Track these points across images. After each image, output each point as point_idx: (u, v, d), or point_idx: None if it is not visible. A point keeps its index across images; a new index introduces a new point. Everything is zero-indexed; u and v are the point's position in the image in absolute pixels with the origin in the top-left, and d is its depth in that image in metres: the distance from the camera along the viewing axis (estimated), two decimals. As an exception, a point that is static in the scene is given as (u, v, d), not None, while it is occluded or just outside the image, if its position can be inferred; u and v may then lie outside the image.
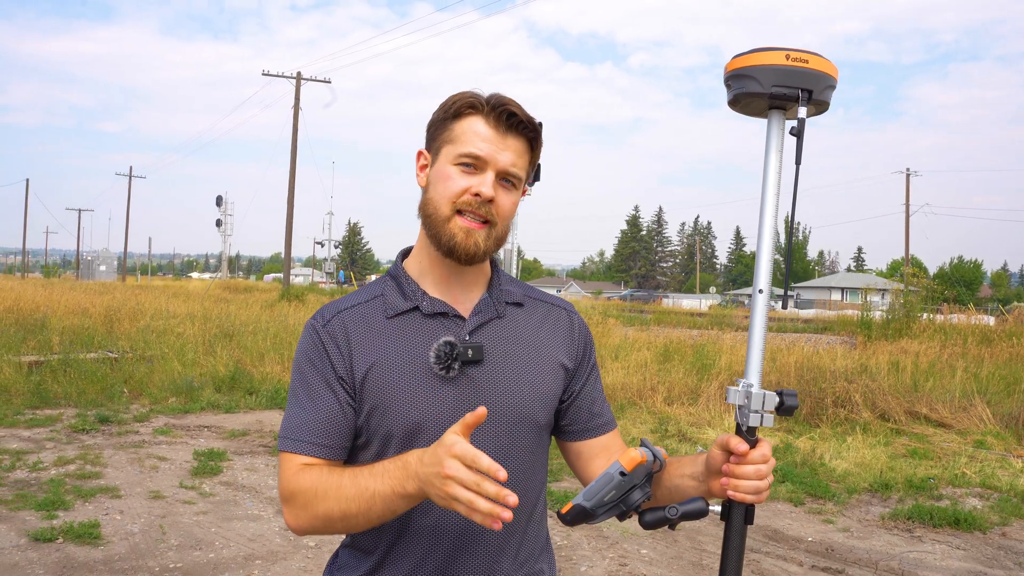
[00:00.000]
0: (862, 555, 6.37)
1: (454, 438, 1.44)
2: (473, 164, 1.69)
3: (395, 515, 1.60)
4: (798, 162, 1.66)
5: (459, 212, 1.70)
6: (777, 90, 1.62)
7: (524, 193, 1.84)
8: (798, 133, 1.65)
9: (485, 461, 1.39)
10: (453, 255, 1.71)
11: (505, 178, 1.71)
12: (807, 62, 1.62)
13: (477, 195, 1.68)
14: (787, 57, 1.61)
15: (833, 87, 1.66)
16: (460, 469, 1.40)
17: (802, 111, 1.63)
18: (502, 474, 1.38)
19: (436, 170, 1.74)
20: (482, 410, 1.45)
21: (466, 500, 1.40)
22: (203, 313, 20.75)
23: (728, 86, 1.70)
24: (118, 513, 6.75)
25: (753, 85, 1.64)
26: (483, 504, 1.39)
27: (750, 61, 1.65)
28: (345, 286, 59.88)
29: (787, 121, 1.70)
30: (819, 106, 1.68)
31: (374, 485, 1.56)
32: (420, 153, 1.81)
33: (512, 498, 1.38)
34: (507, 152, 1.70)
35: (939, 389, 12.34)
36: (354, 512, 1.59)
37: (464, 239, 1.69)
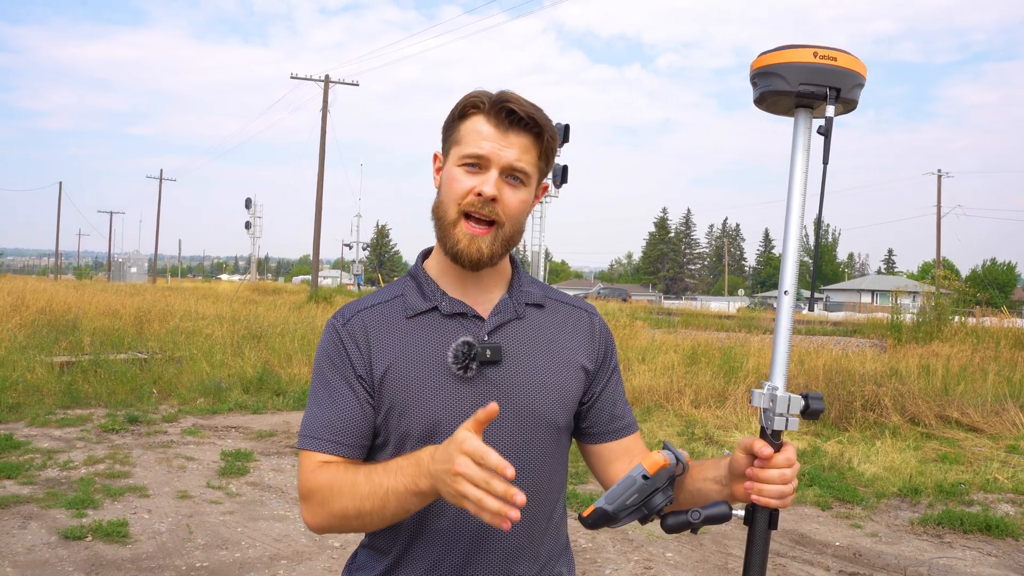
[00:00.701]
0: (890, 560, 6.30)
1: (465, 434, 1.42)
2: (477, 164, 1.69)
3: (408, 513, 1.59)
4: (825, 162, 1.63)
5: (466, 216, 1.69)
6: (804, 88, 1.59)
7: (545, 190, 1.83)
8: (826, 132, 1.61)
9: (493, 458, 1.37)
10: (458, 261, 1.71)
11: (512, 175, 1.70)
12: (835, 60, 1.58)
13: (480, 195, 1.67)
14: (815, 55, 1.58)
15: (862, 85, 1.63)
16: (470, 466, 1.39)
17: (830, 110, 1.60)
18: (510, 471, 1.36)
19: (445, 172, 1.74)
20: (493, 406, 1.43)
21: (475, 498, 1.38)
22: (232, 315, 20.91)
23: (754, 84, 1.67)
24: (146, 512, 6.80)
25: (780, 83, 1.61)
26: (491, 503, 1.37)
27: (777, 59, 1.61)
28: (367, 287, 60.10)
29: (814, 120, 1.67)
30: (847, 105, 1.65)
31: (388, 482, 1.55)
32: (436, 156, 1.81)
33: (520, 496, 1.36)
34: (510, 149, 1.68)
35: (970, 393, 12.18)
36: (368, 509, 1.58)
37: (467, 245, 1.68)
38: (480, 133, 1.68)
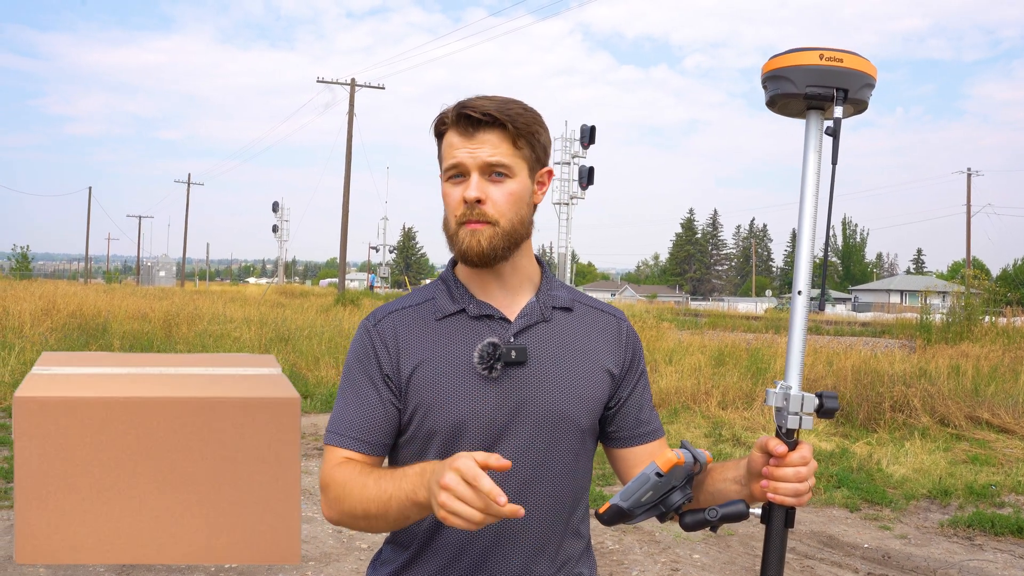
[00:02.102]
0: (920, 563, 6.26)
1: (462, 455, 1.44)
2: (460, 174, 1.74)
3: (409, 522, 1.63)
4: (834, 163, 1.65)
5: (465, 222, 1.74)
6: (812, 90, 1.61)
7: (551, 175, 1.87)
8: (833, 133, 1.63)
9: (486, 483, 1.39)
10: (467, 260, 1.75)
11: (494, 172, 1.74)
12: (842, 61, 1.60)
13: (465, 201, 1.72)
14: (821, 57, 1.60)
15: (871, 86, 1.64)
16: (458, 483, 1.41)
17: (838, 111, 1.62)
18: (502, 499, 1.38)
19: (441, 191, 1.80)
20: (506, 463, 1.45)
21: (450, 509, 1.41)
22: (259, 318, 21.06)
23: (765, 88, 1.70)
24: (176, 514, 6.86)
25: (788, 86, 1.63)
26: (467, 511, 1.40)
27: (785, 62, 1.64)
28: (379, 290, 60.28)
29: (825, 122, 1.68)
30: (857, 105, 1.66)
31: (392, 489, 1.60)
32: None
33: (502, 498, 1.38)
34: (482, 148, 1.72)
35: (1002, 394, 12.05)
36: (373, 513, 1.64)
37: (470, 240, 1.73)
38: (452, 145, 1.74)
